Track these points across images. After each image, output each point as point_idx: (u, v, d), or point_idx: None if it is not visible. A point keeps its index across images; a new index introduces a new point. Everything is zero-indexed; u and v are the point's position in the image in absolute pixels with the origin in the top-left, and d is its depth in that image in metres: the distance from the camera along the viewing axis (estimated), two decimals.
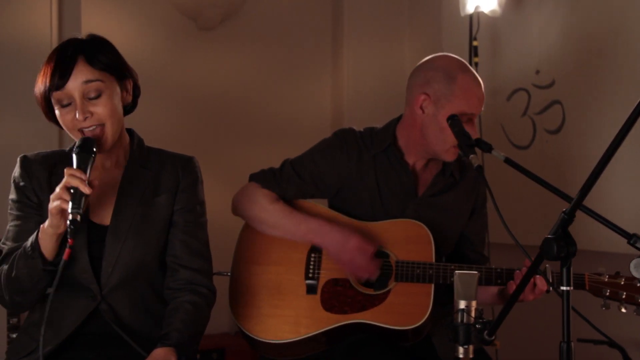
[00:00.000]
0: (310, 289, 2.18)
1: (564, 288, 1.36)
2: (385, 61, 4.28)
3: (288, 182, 2.24)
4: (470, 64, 3.52)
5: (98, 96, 1.76)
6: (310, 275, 2.19)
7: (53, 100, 1.77)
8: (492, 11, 3.41)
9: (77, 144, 1.73)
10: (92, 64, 1.77)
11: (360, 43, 4.25)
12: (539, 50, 3.36)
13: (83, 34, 1.87)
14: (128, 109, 1.93)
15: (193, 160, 1.99)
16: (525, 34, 3.44)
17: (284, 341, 2.13)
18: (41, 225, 1.70)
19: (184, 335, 1.79)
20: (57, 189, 1.65)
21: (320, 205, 2.30)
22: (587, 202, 1.39)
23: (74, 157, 1.70)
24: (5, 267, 1.76)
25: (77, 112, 1.74)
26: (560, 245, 1.33)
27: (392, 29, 4.32)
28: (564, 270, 1.35)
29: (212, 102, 4.01)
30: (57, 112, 1.78)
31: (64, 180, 1.65)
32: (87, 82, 1.75)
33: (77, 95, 1.74)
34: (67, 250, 1.62)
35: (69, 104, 1.76)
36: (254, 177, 2.28)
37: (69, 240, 1.62)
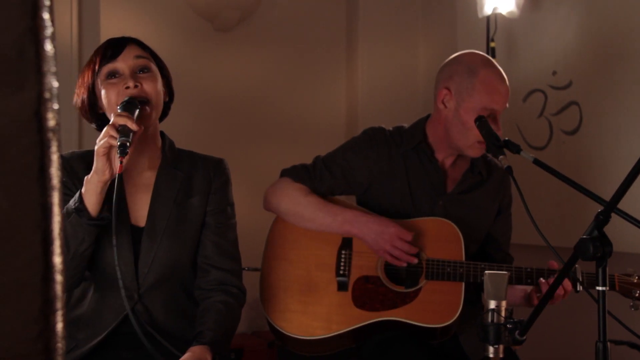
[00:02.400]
0: (342, 286, 2.19)
1: (599, 288, 1.37)
2: (399, 62, 4.30)
3: (319, 178, 2.27)
4: None
5: (147, 72, 1.82)
6: (341, 272, 2.20)
7: (101, 77, 1.81)
8: (510, 12, 3.43)
9: (122, 101, 1.75)
10: (142, 47, 1.87)
11: (375, 44, 4.27)
12: (556, 51, 3.38)
13: (102, 37, 1.93)
14: (162, 112, 1.96)
15: (224, 162, 2.02)
16: (542, 35, 3.46)
17: (315, 337, 2.15)
18: (85, 177, 1.70)
19: (218, 334, 1.81)
20: (104, 130, 1.67)
21: (349, 202, 2.32)
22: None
23: (120, 107, 1.73)
24: None
25: (127, 80, 1.78)
26: (596, 246, 1.35)
27: (406, 30, 4.34)
28: (600, 270, 1.37)
29: (228, 103, 4.04)
30: (104, 91, 1.80)
31: (111, 121, 1.68)
32: (138, 57, 1.83)
33: (127, 68, 1.80)
34: (119, 166, 1.64)
35: (117, 76, 1.80)
36: (286, 172, 2.30)
37: (120, 158, 1.64)
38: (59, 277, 0.58)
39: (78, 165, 1.86)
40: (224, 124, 4.03)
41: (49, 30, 0.57)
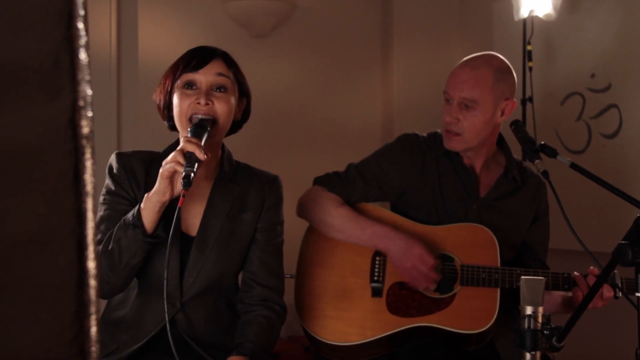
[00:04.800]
0: (376, 292, 2.19)
1: (639, 294, 1.35)
2: (435, 66, 4.27)
3: (353, 186, 2.26)
4: (524, 68, 3.51)
5: (223, 91, 1.83)
6: (376, 278, 2.20)
7: (178, 83, 1.82)
8: (547, 15, 3.39)
9: (194, 122, 1.78)
10: (228, 64, 1.87)
11: (410, 48, 4.26)
12: (595, 54, 3.33)
13: (140, 45, 1.94)
14: (232, 128, 1.96)
15: (278, 179, 2.03)
16: (580, 38, 3.41)
17: (349, 344, 2.15)
18: (146, 194, 1.72)
19: (257, 347, 1.82)
20: (172, 154, 1.69)
21: (383, 209, 2.32)
22: None
23: (190, 131, 1.75)
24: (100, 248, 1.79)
25: (200, 97, 1.78)
26: (636, 251, 1.33)
27: (442, 33, 4.32)
28: (639, 276, 1.35)
29: (263, 109, 4.04)
30: (176, 98, 1.82)
31: (180, 145, 1.70)
32: (219, 74, 1.83)
33: (205, 83, 1.81)
34: (181, 199, 1.66)
35: (193, 88, 1.81)
36: (318, 181, 2.31)
37: (183, 191, 1.65)
38: (92, 282, 0.59)
39: (138, 165, 1.87)
40: (259, 129, 4.05)
41: (83, 40, 0.58)
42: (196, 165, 1.67)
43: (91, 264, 0.59)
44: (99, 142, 3.50)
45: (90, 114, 0.58)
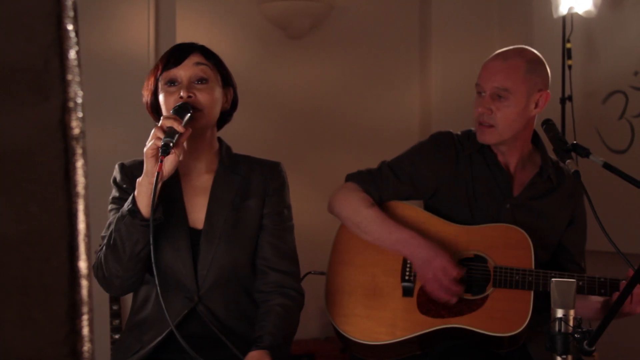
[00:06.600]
0: (407, 292, 2.17)
1: None
2: (474, 65, 4.20)
3: (385, 183, 2.25)
4: (563, 66, 3.45)
5: (204, 82, 1.86)
6: (407, 277, 2.18)
7: (161, 82, 1.88)
8: (587, 12, 3.32)
9: (177, 104, 1.81)
10: (206, 56, 1.90)
11: (449, 47, 4.21)
12: (638, 51, 3.25)
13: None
14: (223, 118, 2.00)
15: (280, 166, 2.04)
16: (622, 35, 3.33)
17: (379, 343, 2.13)
18: (137, 180, 1.77)
19: (277, 338, 1.83)
20: (152, 132, 1.73)
21: (415, 207, 2.29)
22: None
23: (171, 111, 1.80)
24: (104, 244, 1.83)
25: (182, 90, 1.82)
26: None
27: (481, 32, 4.26)
28: None
29: (301, 109, 4.07)
30: (161, 96, 1.87)
31: (159, 123, 1.74)
32: (198, 64, 1.86)
33: (185, 77, 1.85)
34: (159, 165, 1.69)
35: (175, 84, 1.86)
36: (351, 178, 2.29)
37: (161, 157, 1.69)
38: (84, 282, 0.59)
39: (138, 172, 1.89)
40: (297, 129, 4.06)
41: (73, 41, 0.58)
42: (176, 136, 1.70)
43: (82, 264, 0.59)
44: (139, 141, 3.56)
45: (81, 114, 0.59)
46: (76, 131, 0.58)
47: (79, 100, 0.58)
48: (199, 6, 3.83)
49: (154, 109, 1.94)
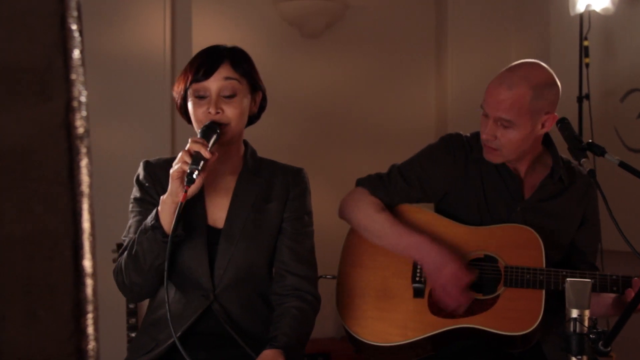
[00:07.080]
0: (418, 293, 2.16)
1: None
2: (490, 64, 4.19)
3: (395, 187, 2.24)
4: (581, 65, 3.42)
5: (232, 96, 1.87)
6: (418, 278, 2.17)
7: (190, 92, 1.88)
8: (605, 9, 3.29)
9: (205, 124, 1.84)
10: (235, 67, 1.90)
11: (465, 46, 4.19)
12: None
13: (194, 45, 1.96)
14: (250, 120, 2.01)
15: (303, 172, 2.05)
16: None
17: (391, 344, 2.13)
18: (161, 197, 1.79)
19: (292, 339, 1.84)
20: (179, 154, 1.76)
21: (426, 210, 2.29)
22: None
23: (199, 132, 1.82)
24: (126, 253, 1.87)
25: (211, 105, 1.84)
26: None
27: (497, 31, 4.24)
28: None
29: (316, 109, 4.07)
30: (190, 105, 1.89)
31: (187, 146, 1.76)
32: (227, 78, 1.87)
33: (214, 90, 1.86)
34: (183, 195, 1.72)
35: (204, 97, 1.87)
36: (361, 183, 2.29)
37: (185, 187, 1.71)
38: (89, 281, 0.59)
39: (162, 172, 1.93)
40: (312, 129, 4.06)
41: (77, 41, 0.58)
42: (201, 163, 1.73)
43: (87, 263, 0.59)
44: (155, 141, 3.59)
45: (84, 114, 0.59)
46: (80, 130, 0.58)
47: (83, 100, 0.59)
48: (215, 6, 3.84)
49: (184, 112, 1.95)
